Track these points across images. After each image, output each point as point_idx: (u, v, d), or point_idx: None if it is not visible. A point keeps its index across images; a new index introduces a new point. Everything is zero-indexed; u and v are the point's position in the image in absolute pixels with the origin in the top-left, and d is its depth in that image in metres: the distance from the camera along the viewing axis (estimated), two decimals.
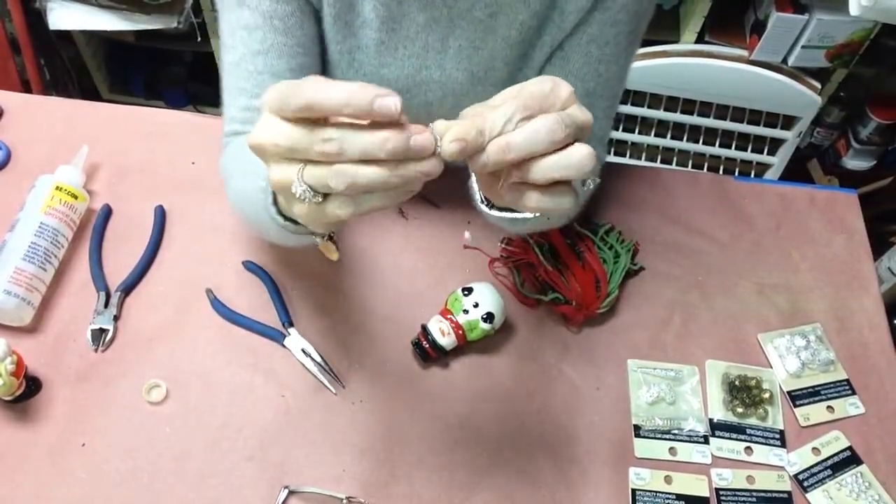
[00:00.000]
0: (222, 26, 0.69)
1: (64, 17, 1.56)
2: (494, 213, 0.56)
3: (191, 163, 0.89)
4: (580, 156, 0.42)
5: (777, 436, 0.76)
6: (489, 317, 0.74)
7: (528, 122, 0.42)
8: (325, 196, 0.42)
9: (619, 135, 1.63)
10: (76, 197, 0.81)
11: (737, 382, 0.79)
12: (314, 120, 0.40)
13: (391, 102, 0.39)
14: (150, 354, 0.75)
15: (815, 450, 0.76)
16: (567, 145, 0.42)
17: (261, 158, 0.43)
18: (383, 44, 0.69)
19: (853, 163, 1.86)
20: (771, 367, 0.81)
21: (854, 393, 0.79)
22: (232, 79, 0.69)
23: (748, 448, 0.75)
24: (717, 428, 0.76)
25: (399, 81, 0.72)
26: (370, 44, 0.70)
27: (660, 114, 1.58)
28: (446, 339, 0.74)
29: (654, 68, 1.47)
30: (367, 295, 0.81)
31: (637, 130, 1.65)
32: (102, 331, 0.76)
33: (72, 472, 0.68)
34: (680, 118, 1.58)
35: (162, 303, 0.79)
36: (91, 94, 1.88)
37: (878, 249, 1.51)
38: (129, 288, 0.79)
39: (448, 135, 0.41)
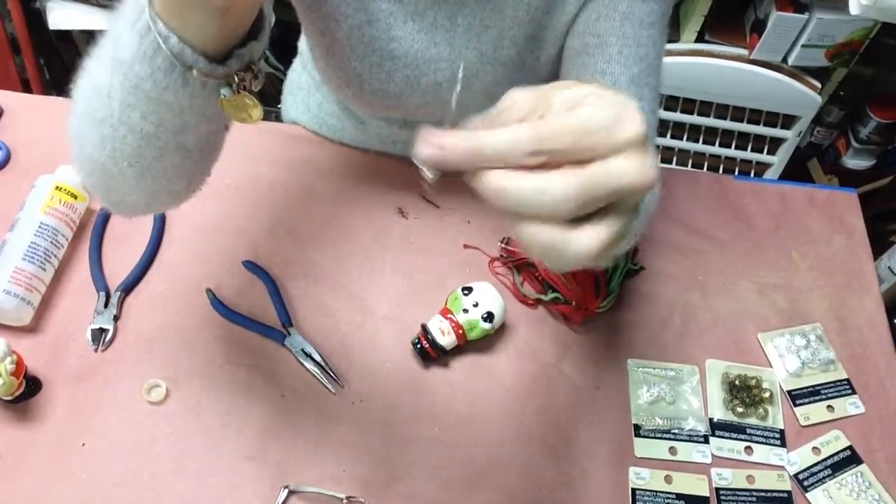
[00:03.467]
0: None
1: (64, 17, 1.56)
2: None
3: None
4: (580, 248, 0.33)
5: (777, 435, 0.76)
6: (489, 316, 0.74)
7: (540, 175, 0.32)
8: None
9: None
10: (76, 197, 0.81)
11: (737, 382, 0.79)
12: None
13: None
14: (150, 354, 0.75)
15: (816, 449, 0.76)
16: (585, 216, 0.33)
17: None
18: (392, 14, 0.69)
19: (853, 162, 1.85)
20: (771, 366, 0.81)
21: (854, 392, 0.79)
22: None
23: (748, 447, 0.75)
24: (717, 427, 0.76)
25: (409, 56, 0.72)
26: (380, 16, 0.69)
27: (660, 113, 1.58)
28: (446, 339, 0.74)
29: None
30: (367, 295, 0.81)
31: None
32: (102, 331, 0.76)
33: (72, 472, 0.68)
34: (679, 117, 1.58)
35: (162, 303, 0.79)
36: None
37: (878, 249, 1.51)
38: (129, 288, 0.79)
39: (430, 136, 0.33)
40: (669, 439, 0.75)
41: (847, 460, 0.75)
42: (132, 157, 0.48)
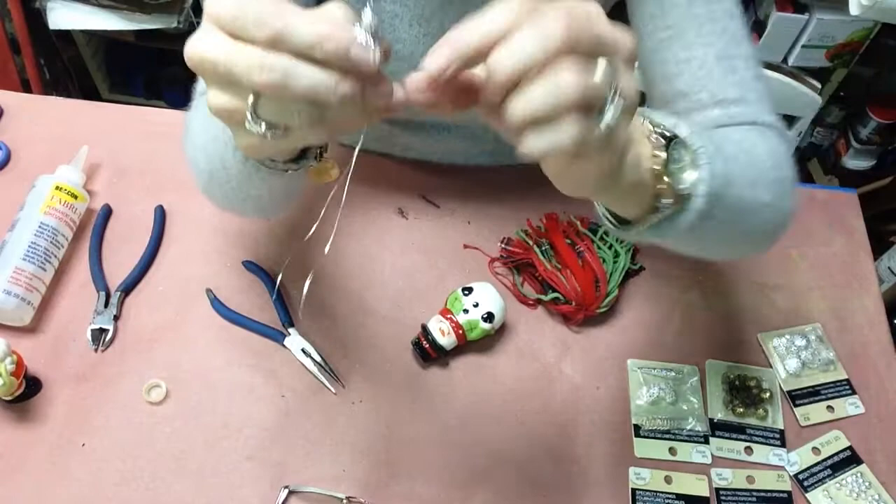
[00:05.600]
0: None
1: (64, 17, 1.56)
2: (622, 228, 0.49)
3: None
4: (565, 81, 0.34)
5: (777, 435, 0.76)
6: (489, 316, 0.74)
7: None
8: (287, 128, 0.37)
9: None
10: (76, 197, 0.81)
11: (737, 382, 0.79)
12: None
13: (369, 55, 0.34)
14: (150, 354, 0.75)
15: (815, 449, 0.76)
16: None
17: (199, 75, 0.38)
18: (397, 17, 0.69)
19: (853, 162, 1.86)
20: (771, 366, 0.81)
21: (854, 393, 0.79)
22: None
23: (748, 448, 0.75)
24: (717, 428, 0.76)
25: (414, 58, 0.71)
26: (384, 17, 0.69)
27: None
28: (446, 339, 0.74)
29: None
30: (367, 295, 0.81)
31: None
32: (102, 331, 0.76)
33: (72, 472, 0.68)
34: None
35: (162, 303, 0.79)
36: (91, 94, 1.88)
37: (878, 249, 1.51)
38: (129, 288, 0.79)
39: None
40: (669, 439, 0.75)
41: (847, 460, 0.75)
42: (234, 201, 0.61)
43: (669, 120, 0.47)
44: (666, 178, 0.45)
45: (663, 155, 0.45)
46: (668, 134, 0.46)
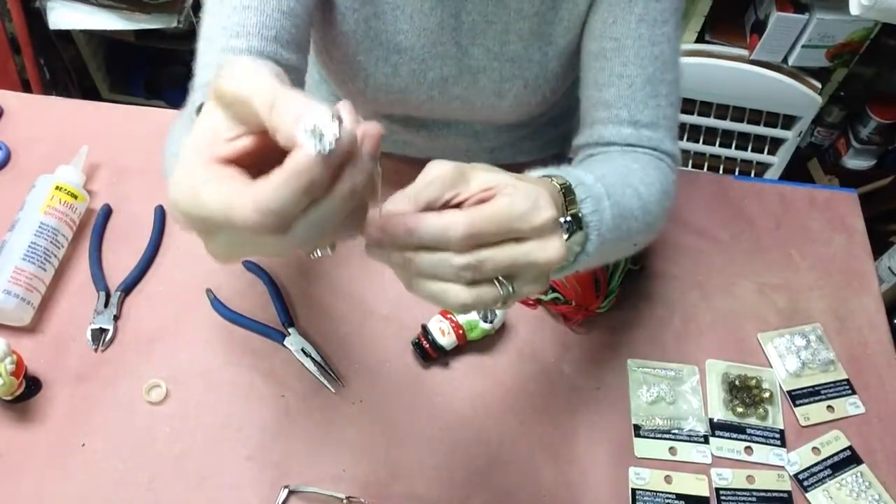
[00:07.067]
0: None
1: (64, 16, 1.56)
2: None
3: None
4: (456, 300, 0.40)
5: (777, 435, 0.76)
6: (489, 316, 0.74)
7: (441, 254, 0.39)
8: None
9: None
10: (76, 197, 0.81)
11: (737, 382, 0.79)
12: None
13: (346, 139, 0.32)
14: (150, 354, 0.75)
15: (815, 449, 0.76)
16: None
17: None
18: (398, 8, 0.69)
19: (853, 162, 1.85)
20: (771, 366, 0.81)
21: (854, 392, 0.79)
22: (213, 19, 0.60)
23: (748, 448, 0.75)
24: (717, 427, 0.76)
25: (415, 50, 0.72)
26: (387, 9, 0.70)
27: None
28: (446, 339, 0.74)
29: None
30: (367, 295, 0.81)
31: None
32: (102, 331, 0.76)
33: (72, 472, 0.68)
34: (680, 118, 1.58)
35: (162, 303, 0.79)
36: (91, 94, 1.88)
37: (878, 249, 1.51)
38: (129, 288, 0.79)
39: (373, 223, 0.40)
40: (669, 439, 0.75)
41: (847, 460, 0.75)
42: None
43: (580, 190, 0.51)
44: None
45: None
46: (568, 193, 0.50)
